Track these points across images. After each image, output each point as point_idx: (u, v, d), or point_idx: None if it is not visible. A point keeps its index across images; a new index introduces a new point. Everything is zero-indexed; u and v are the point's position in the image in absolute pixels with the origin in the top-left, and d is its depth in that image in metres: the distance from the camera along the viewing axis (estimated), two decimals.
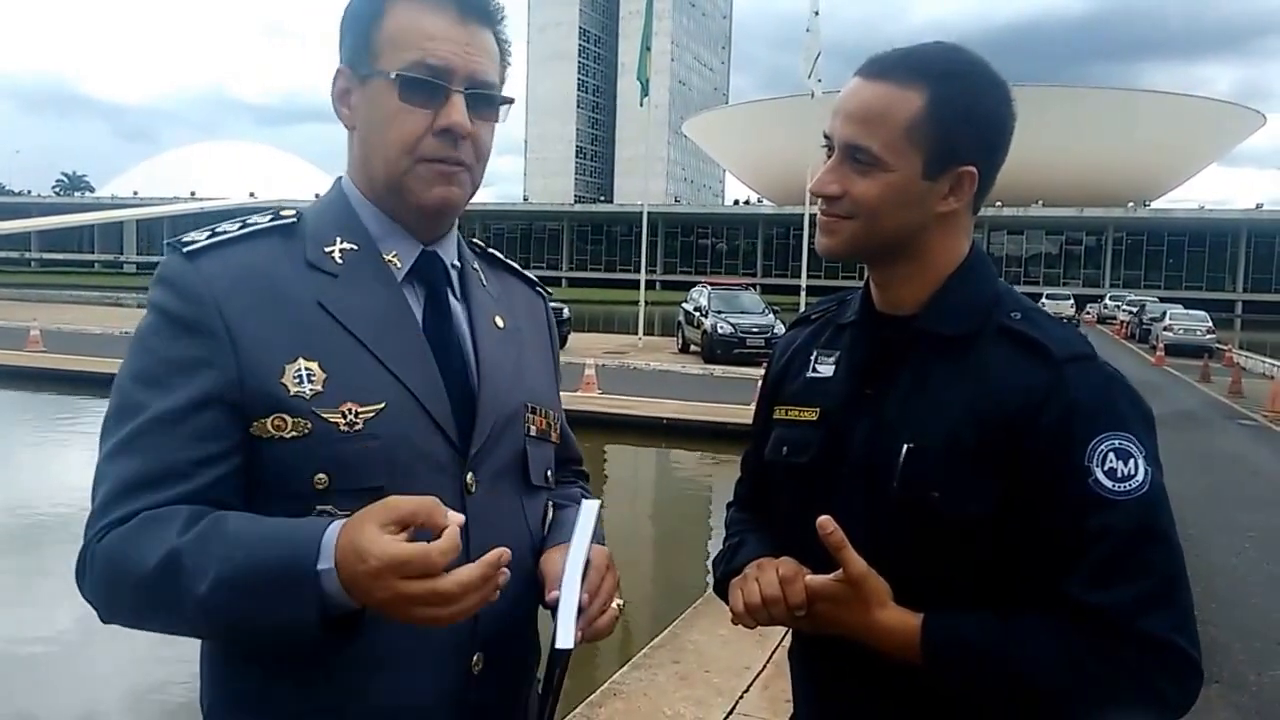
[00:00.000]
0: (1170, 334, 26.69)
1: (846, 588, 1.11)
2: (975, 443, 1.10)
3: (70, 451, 10.22)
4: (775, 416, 1.33)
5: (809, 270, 24.67)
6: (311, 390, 1.05)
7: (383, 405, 1.07)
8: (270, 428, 1.04)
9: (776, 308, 21.98)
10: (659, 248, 70.52)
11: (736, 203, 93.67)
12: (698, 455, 11.73)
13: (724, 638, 4.61)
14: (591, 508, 1.17)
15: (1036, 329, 1.15)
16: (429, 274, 1.19)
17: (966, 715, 1.11)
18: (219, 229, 1.13)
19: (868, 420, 1.19)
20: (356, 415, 1.06)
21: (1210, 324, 27.85)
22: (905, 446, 1.13)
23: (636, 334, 23.81)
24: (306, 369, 1.05)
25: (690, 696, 4.03)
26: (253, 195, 77.99)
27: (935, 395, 1.15)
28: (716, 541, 1.91)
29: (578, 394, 12.99)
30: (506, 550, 0.96)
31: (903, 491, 1.13)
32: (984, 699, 1.08)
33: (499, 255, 1.40)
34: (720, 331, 18.89)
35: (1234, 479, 9.93)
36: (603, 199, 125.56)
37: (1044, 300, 33.98)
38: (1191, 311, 29.19)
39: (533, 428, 1.24)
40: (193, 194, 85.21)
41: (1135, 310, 35.11)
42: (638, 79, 23.24)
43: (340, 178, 1.22)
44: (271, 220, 1.15)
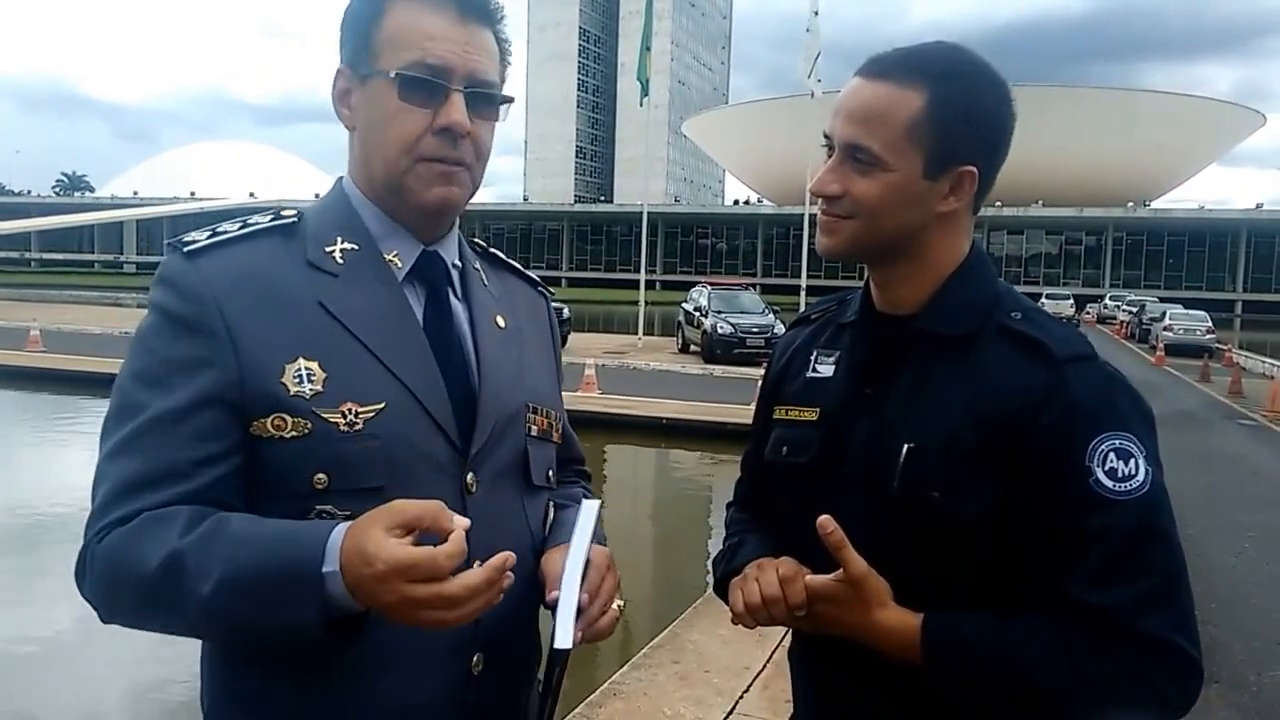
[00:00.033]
0: (1170, 334, 26.67)
1: (847, 588, 1.11)
2: (975, 443, 1.10)
3: (70, 451, 10.21)
4: (775, 416, 1.33)
5: (809, 270, 24.67)
6: (311, 390, 1.05)
7: (383, 405, 1.07)
8: (270, 427, 1.04)
9: (776, 308, 21.96)
10: (659, 248, 70.50)
11: (736, 203, 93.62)
12: (698, 455, 11.72)
13: (724, 638, 4.61)
14: (592, 508, 1.17)
15: (1037, 329, 1.15)
16: (430, 274, 1.19)
17: (966, 715, 1.11)
18: (219, 229, 1.13)
19: (868, 420, 1.19)
20: (356, 415, 1.05)
21: (1210, 324, 27.83)
22: (905, 446, 1.13)
23: (636, 334, 23.79)
24: (307, 369, 1.05)
25: (690, 696, 4.03)
26: (253, 195, 77.90)
27: (935, 395, 1.15)
28: (716, 541, 1.91)
29: (578, 394, 13.00)
30: (512, 554, 0.97)
31: (903, 491, 1.13)
32: (984, 699, 1.08)
33: (500, 255, 1.39)
34: (720, 331, 18.89)
35: (1234, 479, 9.92)
36: (603, 199, 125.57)
37: (1044, 300, 33.97)
38: (1191, 311, 29.16)
39: (534, 428, 1.24)
40: (193, 194, 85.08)
41: (1135, 310, 35.09)
42: (638, 79, 23.24)
43: (341, 178, 1.22)
44: (272, 220, 1.15)
